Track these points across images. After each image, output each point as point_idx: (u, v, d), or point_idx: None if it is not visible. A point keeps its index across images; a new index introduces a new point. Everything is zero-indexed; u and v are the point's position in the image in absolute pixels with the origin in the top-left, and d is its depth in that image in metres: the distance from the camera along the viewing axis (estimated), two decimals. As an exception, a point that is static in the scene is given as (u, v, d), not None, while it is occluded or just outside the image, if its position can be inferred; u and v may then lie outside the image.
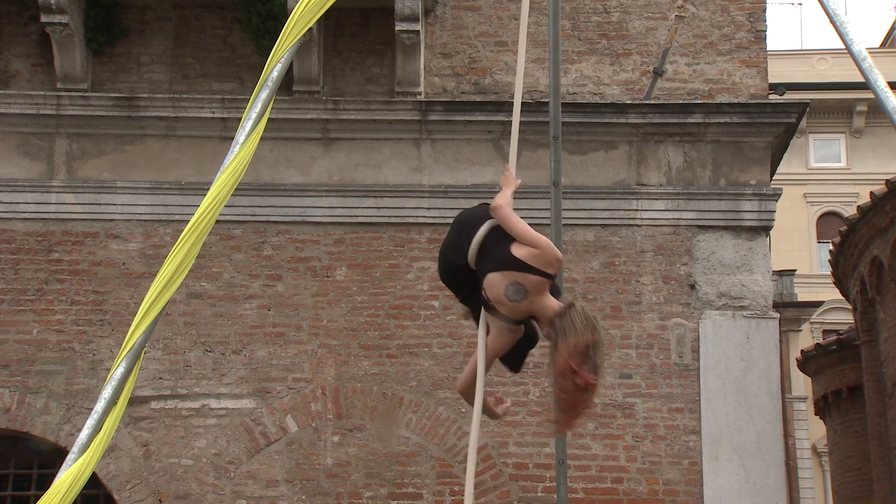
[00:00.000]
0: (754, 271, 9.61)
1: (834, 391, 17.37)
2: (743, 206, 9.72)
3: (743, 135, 9.81)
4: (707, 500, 9.08)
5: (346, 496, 9.07)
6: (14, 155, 9.71)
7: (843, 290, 16.52)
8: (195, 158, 9.67)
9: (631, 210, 9.65)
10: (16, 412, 9.14)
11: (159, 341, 9.24)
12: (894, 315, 14.17)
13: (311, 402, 9.27)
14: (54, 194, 9.63)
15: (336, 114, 9.72)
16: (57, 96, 9.64)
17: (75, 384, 9.21)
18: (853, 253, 15.10)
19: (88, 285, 9.46)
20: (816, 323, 30.40)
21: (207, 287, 9.46)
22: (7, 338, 9.31)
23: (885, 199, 13.73)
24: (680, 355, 9.42)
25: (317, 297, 9.50)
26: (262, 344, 9.37)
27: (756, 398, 9.34)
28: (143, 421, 9.16)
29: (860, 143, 33.77)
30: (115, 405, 3.68)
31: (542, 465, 9.08)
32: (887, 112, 4.37)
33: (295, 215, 9.64)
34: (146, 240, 9.57)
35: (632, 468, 9.17)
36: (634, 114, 9.75)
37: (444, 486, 9.11)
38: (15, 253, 9.50)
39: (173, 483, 9.05)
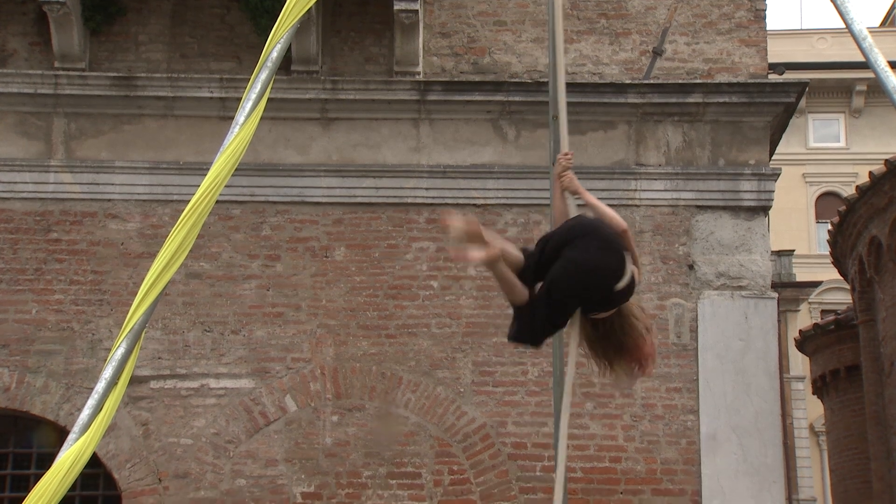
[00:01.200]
0: (753, 251, 9.62)
1: (832, 371, 17.42)
2: (742, 186, 9.72)
3: (742, 114, 9.80)
4: (705, 480, 9.11)
5: (345, 475, 9.10)
6: (12, 134, 9.70)
7: (841, 270, 16.55)
8: (193, 138, 9.66)
9: (630, 190, 9.65)
10: (15, 391, 9.16)
11: (158, 321, 9.25)
12: (892, 295, 14.19)
13: (310, 382, 9.29)
14: (52, 174, 9.62)
15: (335, 94, 9.70)
16: (55, 75, 9.62)
17: (74, 364, 9.22)
18: (852, 233, 15.11)
19: (87, 265, 9.46)
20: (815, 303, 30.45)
21: (206, 267, 9.47)
22: (6, 317, 9.32)
23: (883, 178, 13.74)
24: (678, 335, 9.44)
25: (315, 277, 9.50)
26: (260, 324, 9.39)
27: (754, 378, 9.36)
28: (143, 400, 9.18)
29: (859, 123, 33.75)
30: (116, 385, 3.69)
31: (540, 445, 9.11)
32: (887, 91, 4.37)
33: (294, 195, 9.64)
34: (145, 220, 9.57)
35: (630, 448, 9.20)
36: (633, 94, 9.74)
37: (442, 465, 9.14)
38: (13, 233, 9.50)
39: (173, 462, 9.07)
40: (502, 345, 9.23)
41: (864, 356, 15.15)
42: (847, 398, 17.07)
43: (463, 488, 9.09)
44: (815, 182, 33.73)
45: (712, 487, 9.11)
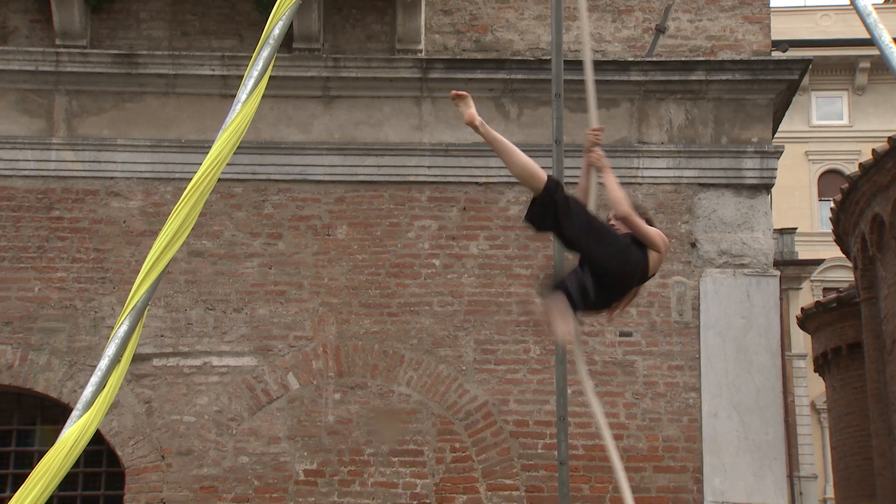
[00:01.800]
0: (755, 229, 9.62)
1: (833, 348, 17.45)
2: (744, 164, 9.70)
3: (745, 92, 9.78)
4: (706, 457, 9.14)
5: (348, 453, 9.13)
6: (13, 112, 9.69)
7: (843, 248, 16.56)
8: (195, 116, 9.64)
9: (632, 168, 9.64)
10: (18, 369, 9.19)
11: (161, 299, 9.27)
12: (895, 272, 14.20)
13: (312, 360, 9.31)
14: (54, 151, 9.61)
15: (336, 71, 9.68)
16: (56, 53, 9.60)
17: (77, 341, 9.24)
18: (854, 210, 15.12)
19: (89, 243, 9.47)
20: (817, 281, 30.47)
21: (208, 245, 9.47)
22: (9, 295, 9.33)
23: (886, 156, 13.73)
24: (680, 313, 9.45)
25: (318, 255, 9.51)
26: (263, 302, 9.40)
27: (756, 355, 9.37)
28: (146, 378, 9.21)
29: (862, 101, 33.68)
30: (119, 363, 3.70)
31: (542, 423, 9.13)
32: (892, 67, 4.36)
33: (295, 174, 9.63)
34: (147, 198, 9.57)
35: (632, 425, 9.23)
36: (636, 71, 9.71)
37: (444, 443, 9.17)
38: (16, 210, 9.50)
39: (176, 439, 9.11)
40: (504, 323, 9.24)
41: (866, 334, 15.18)
42: (848, 376, 17.11)
43: (465, 466, 9.13)
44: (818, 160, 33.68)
45: (714, 464, 9.14)
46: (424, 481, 9.09)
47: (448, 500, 9.05)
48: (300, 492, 9.05)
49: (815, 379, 22.42)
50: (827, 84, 33.55)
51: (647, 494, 9.11)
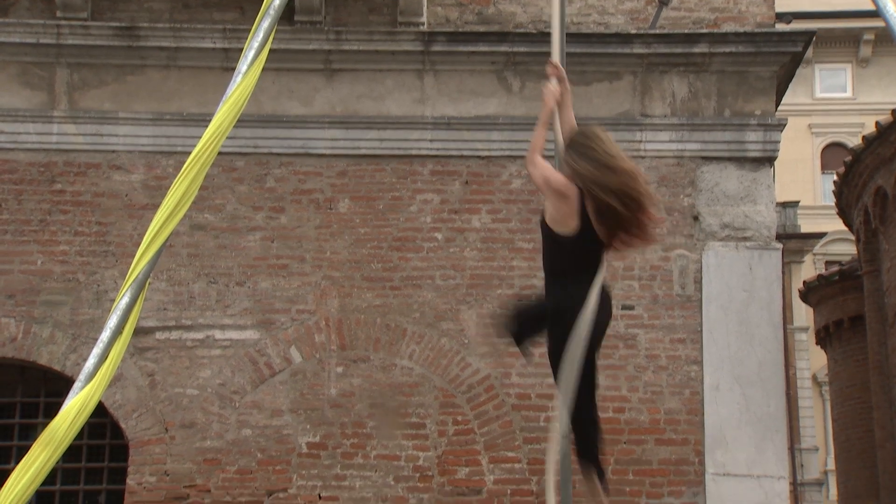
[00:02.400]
0: (758, 202, 9.60)
1: (835, 321, 17.48)
2: (747, 137, 9.68)
3: (748, 64, 9.74)
4: (708, 429, 9.16)
5: (351, 426, 9.16)
6: (15, 84, 9.67)
7: (846, 221, 16.55)
8: (197, 89, 9.62)
9: (635, 141, 9.61)
10: (22, 341, 9.21)
11: (163, 272, 9.27)
12: (897, 246, 14.20)
13: (314, 334, 9.32)
14: (56, 124, 9.59)
15: (338, 44, 9.64)
16: (57, 25, 9.56)
17: (80, 314, 9.26)
18: (857, 183, 15.10)
19: (92, 216, 9.47)
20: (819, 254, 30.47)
21: (210, 219, 9.47)
22: (11, 268, 9.34)
23: (890, 128, 13.71)
24: (682, 286, 9.45)
25: (320, 229, 9.50)
26: (265, 276, 9.40)
27: (757, 328, 9.38)
28: (149, 351, 9.23)
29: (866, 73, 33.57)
30: (121, 334, 3.70)
31: (544, 396, 9.15)
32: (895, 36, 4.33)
33: (297, 147, 9.62)
34: (148, 171, 9.56)
35: (633, 398, 9.24)
36: (639, 44, 9.67)
37: (447, 415, 9.19)
38: (17, 183, 9.50)
39: (179, 412, 9.13)
40: (506, 296, 9.24)
41: (868, 307, 15.20)
42: (850, 348, 17.14)
43: (467, 438, 9.15)
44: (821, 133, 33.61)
45: (715, 437, 9.16)
46: (427, 454, 9.12)
47: (450, 472, 9.08)
48: (303, 464, 9.08)
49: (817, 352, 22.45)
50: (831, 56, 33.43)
51: (649, 467, 9.14)
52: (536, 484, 9.04)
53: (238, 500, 8.99)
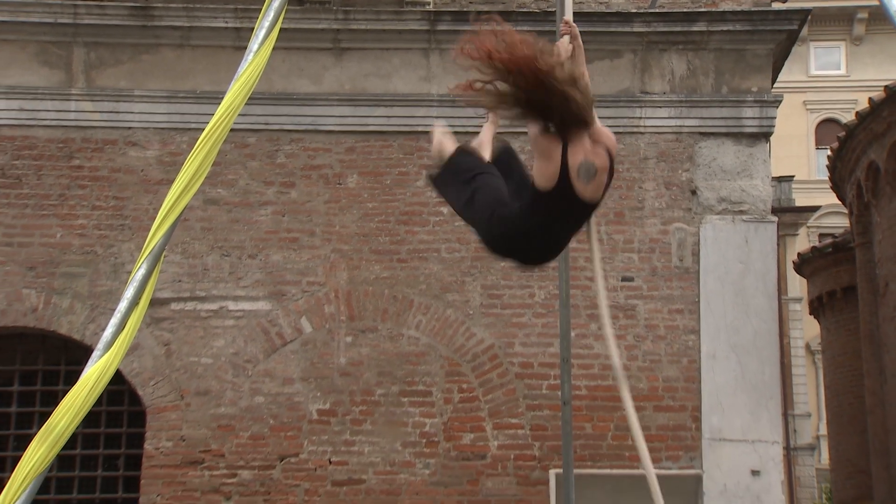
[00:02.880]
0: (754, 177, 9.58)
1: (828, 292, 17.47)
2: (744, 113, 9.64)
3: (745, 42, 9.69)
4: (705, 396, 9.17)
5: (359, 393, 9.18)
6: (34, 63, 9.65)
7: (839, 195, 16.51)
8: (209, 68, 9.59)
9: (635, 118, 9.58)
10: (42, 312, 9.23)
11: (178, 246, 9.28)
12: (889, 218, 14.18)
13: (324, 305, 9.33)
14: (73, 102, 9.58)
15: (347, 24, 9.61)
16: (74, 5, 9.53)
17: (98, 286, 9.27)
18: (850, 158, 15.07)
19: (109, 191, 9.46)
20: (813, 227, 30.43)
21: (223, 194, 9.46)
22: (32, 241, 9.35)
23: (883, 104, 13.67)
24: (680, 258, 9.44)
25: (329, 203, 9.50)
26: (276, 249, 9.40)
27: (753, 299, 9.37)
28: (165, 322, 9.24)
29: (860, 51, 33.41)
30: (137, 305, 3.70)
31: (546, 364, 9.16)
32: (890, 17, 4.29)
33: (307, 124, 9.60)
34: (163, 147, 9.55)
35: (633, 366, 9.25)
36: (639, 22, 9.62)
37: (452, 384, 9.21)
38: (37, 159, 9.50)
39: (194, 380, 9.16)
40: (510, 269, 9.23)
41: (860, 278, 15.18)
42: (842, 318, 17.14)
43: (472, 406, 9.17)
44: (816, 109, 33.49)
45: (712, 403, 9.17)
46: (433, 420, 9.14)
47: (456, 438, 9.11)
48: (314, 430, 9.11)
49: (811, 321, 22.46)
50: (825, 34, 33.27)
51: (648, 433, 9.14)
52: (539, 449, 9.07)
53: (251, 464, 9.03)
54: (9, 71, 9.62)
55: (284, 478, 9.01)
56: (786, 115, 24.33)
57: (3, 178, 9.45)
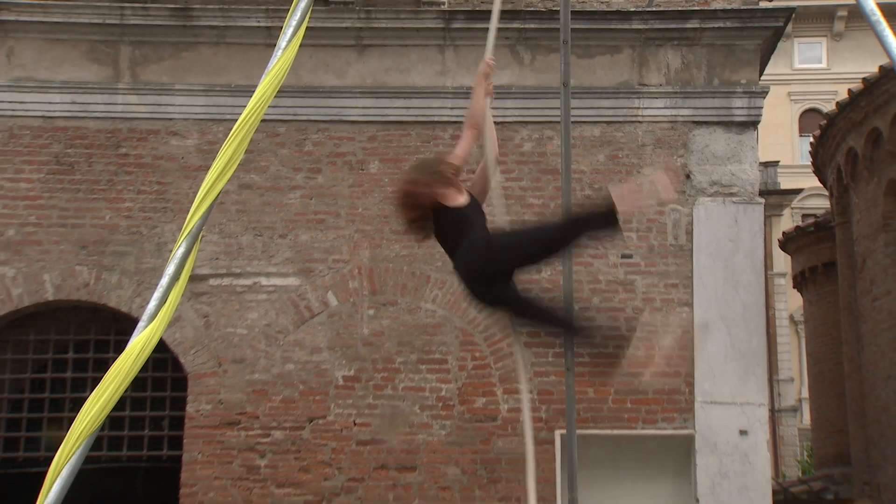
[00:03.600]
0: (743, 162, 9.52)
1: (811, 267, 17.39)
2: (734, 104, 9.57)
3: (735, 38, 9.61)
4: (697, 363, 9.15)
5: (381, 361, 9.18)
6: (84, 60, 9.64)
7: (821, 179, 16.43)
8: (243, 63, 9.56)
9: (633, 108, 9.52)
10: (93, 287, 9.25)
11: (215, 226, 9.28)
12: (866, 199, 14.11)
13: (349, 280, 9.33)
14: (120, 95, 9.57)
15: (368, 22, 9.56)
16: (120, 7, 9.51)
17: (143, 263, 9.29)
18: (831, 144, 15.00)
19: (152, 177, 9.47)
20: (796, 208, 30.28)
21: (256, 179, 9.45)
22: (84, 222, 9.37)
23: (861, 95, 13.58)
24: (675, 237, 9.39)
25: (353, 187, 9.48)
26: (305, 229, 9.40)
27: (742, 274, 9.33)
28: (203, 296, 9.26)
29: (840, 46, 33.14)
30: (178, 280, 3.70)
31: (551, 334, 9.10)
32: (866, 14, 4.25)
33: (332, 115, 9.57)
34: (201, 136, 9.54)
35: (632, 337, 9.20)
36: (637, 20, 9.55)
37: (466, 352, 9.20)
38: (88, 148, 9.50)
39: (230, 349, 9.18)
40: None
41: (840, 254, 15.12)
42: (823, 291, 17.06)
43: (484, 372, 9.17)
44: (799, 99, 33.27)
45: (704, 370, 9.15)
46: (448, 385, 9.14)
47: (469, 402, 9.11)
48: (339, 395, 9.13)
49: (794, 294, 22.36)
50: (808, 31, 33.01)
51: (645, 396, 9.14)
52: (545, 412, 9.06)
53: (283, 425, 9.05)
54: (62, 67, 9.62)
55: (313, 438, 9.04)
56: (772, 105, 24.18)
57: (58, 164, 9.47)
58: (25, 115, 9.50)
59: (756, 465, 9.07)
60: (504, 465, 8.97)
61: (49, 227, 9.34)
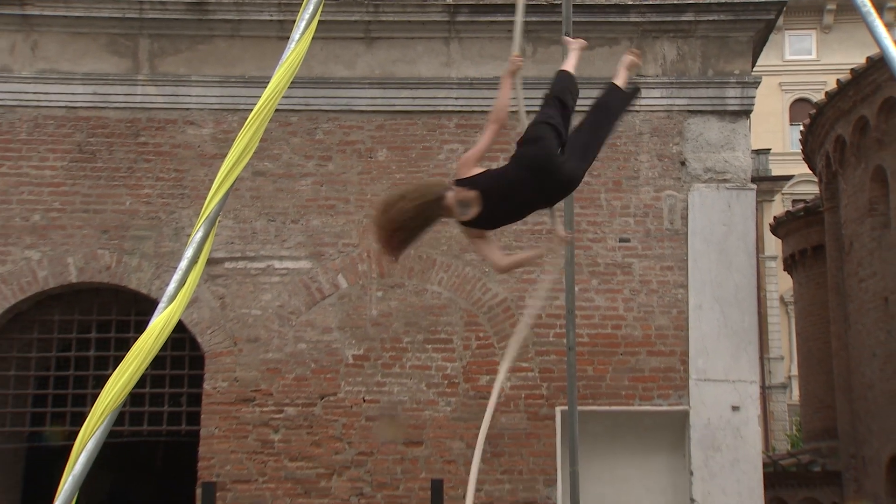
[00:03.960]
0: (736, 149, 9.48)
1: (800, 250, 17.36)
2: (727, 93, 9.53)
3: (728, 31, 9.56)
4: (692, 342, 9.14)
5: (389, 341, 9.19)
6: (105, 53, 9.62)
7: (810, 165, 16.40)
8: (256, 56, 9.54)
9: (630, 97, 9.47)
10: (115, 269, 9.27)
11: (230, 212, 9.28)
12: (853, 185, 14.08)
13: (358, 264, 9.32)
14: (139, 86, 9.56)
15: (377, 16, 9.52)
16: (139, 2, 9.48)
17: (162, 247, 9.29)
18: (820, 133, 14.96)
19: (170, 164, 9.46)
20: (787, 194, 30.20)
21: (269, 166, 9.44)
22: (105, 208, 9.37)
23: (849, 85, 13.54)
24: (671, 222, 9.37)
25: (362, 175, 9.46)
26: (316, 214, 9.39)
27: (735, 257, 9.31)
28: (219, 278, 9.26)
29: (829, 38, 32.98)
30: (196, 263, 3.69)
31: (553, 315, 9.14)
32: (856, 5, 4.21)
33: (342, 105, 9.54)
34: (217, 126, 9.52)
35: (629, 317, 9.22)
36: (635, 13, 9.50)
37: (470, 332, 9.21)
38: (109, 137, 9.50)
39: (245, 329, 9.19)
40: (521, 231, 9.20)
41: (828, 237, 15.10)
42: (812, 273, 17.03)
43: (487, 351, 9.18)
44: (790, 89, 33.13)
45: (698, 348, 9.15)
46: (453, 364, 9.15)
47: (473, 380, 9.12)
48: (349, 373, 9.14)
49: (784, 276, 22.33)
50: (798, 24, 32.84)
51: (642, 374, 9.15)
52: (546, 389, 9.07)
53: (295, 402, 9.07)
54: (84, 60, 9.60)
55: (324, 414, 9.06)
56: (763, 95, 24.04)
57: (80, 153, 9.46)
58: (49, 106, 9.49)
59: (747, 439, 9.08)
60: (507, 440, 8.99)
61: (72, 213, 9.34)
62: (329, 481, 8.94)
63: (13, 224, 9.30)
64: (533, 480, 8.96)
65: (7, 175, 9.40)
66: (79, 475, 3.40)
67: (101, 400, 3.48)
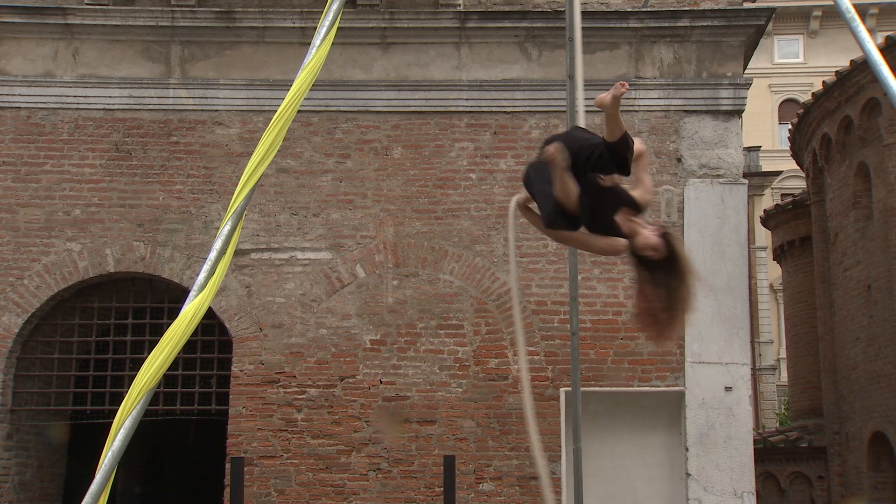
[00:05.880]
0: (729, 147, 9.43)
1: (789, 241, 17.29)
2: (721, 94, 9.48)
3: (721, 35, 9.50)
4: (688, 328, 9.10)
5: (404, 326, 9.19)
6: (139, 59, 9.62)
7: (798, 162, 16.33)
8: (280, 60, 9.52)
9: (631, 98, 9.43)
10: (149, 260, 9.29)
11: (256, 206, 9.28)
12: (838, 180, 14.01)
13: (375, 254, 9.32)
14: (171, 90, 9.56)
15: (392, 22, 9.49)
16: (171, 11, 9.48)
17: (193, 239, 9.30)
18: (807, 131, 14.90)
19: (200, 162, 9.46)
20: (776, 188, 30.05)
21: (292, 163, 9.44)
22: (140, 203, 9.39)
23: (834, 86, 13.48)
24: (668, 215, 9.33)
25: (378, 171, 9.45)
26: (335, 209, 9.38)
27: (727, 247, 9.27)
28: (246, 268, 9.27)
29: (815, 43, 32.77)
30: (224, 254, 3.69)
31: (557, 302, 9.12)
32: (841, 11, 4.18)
33: (360, 106, 9.53)
34: (243, 126, 9.52)
35: (629, 304, 9.18)
36: (634, 19, 9.45)
37: (480, 319, 9.19)
38: (143, 137, 9.50)
39: (270, 316, 9.20)
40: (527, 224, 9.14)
41: (815, 229, 15.05)
42: (800, 262, 16.97)
43: (496, 336, 9.16)
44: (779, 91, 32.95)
45: (693, 333, 9.11)
46: (465, 348, 9.15)
47: (483, 363, 9.11)
48: (367, 356, 9.14)
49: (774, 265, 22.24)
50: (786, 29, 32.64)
51: (640, 357, 9.12)
52: (551, 371, 9.05)
53: (317, 384, 9.08)
54: (120, 65, 9.61)
55: (344, 394, 9.07)
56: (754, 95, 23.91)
57: (117, 152, 9.48)
58: (88, 108, 9.51)
59: (739, 417, 9.05)
60: (514, 419, 8.98)
61: (110, 208, 9.36)
62: (349, 457, 8.95)
63: (56, 218, 9.33)
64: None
65: (50, 173, 9.43)
66: (118, 450, 3.41)
67: (138, 381, 3.49)
